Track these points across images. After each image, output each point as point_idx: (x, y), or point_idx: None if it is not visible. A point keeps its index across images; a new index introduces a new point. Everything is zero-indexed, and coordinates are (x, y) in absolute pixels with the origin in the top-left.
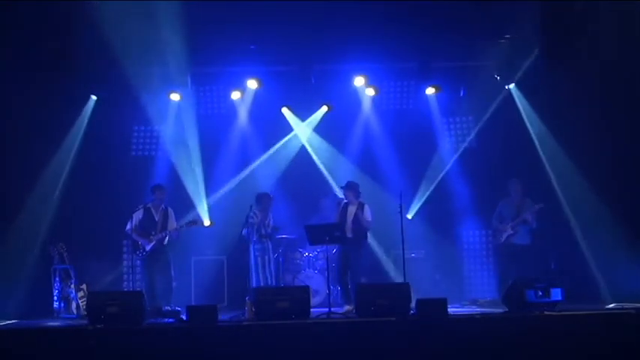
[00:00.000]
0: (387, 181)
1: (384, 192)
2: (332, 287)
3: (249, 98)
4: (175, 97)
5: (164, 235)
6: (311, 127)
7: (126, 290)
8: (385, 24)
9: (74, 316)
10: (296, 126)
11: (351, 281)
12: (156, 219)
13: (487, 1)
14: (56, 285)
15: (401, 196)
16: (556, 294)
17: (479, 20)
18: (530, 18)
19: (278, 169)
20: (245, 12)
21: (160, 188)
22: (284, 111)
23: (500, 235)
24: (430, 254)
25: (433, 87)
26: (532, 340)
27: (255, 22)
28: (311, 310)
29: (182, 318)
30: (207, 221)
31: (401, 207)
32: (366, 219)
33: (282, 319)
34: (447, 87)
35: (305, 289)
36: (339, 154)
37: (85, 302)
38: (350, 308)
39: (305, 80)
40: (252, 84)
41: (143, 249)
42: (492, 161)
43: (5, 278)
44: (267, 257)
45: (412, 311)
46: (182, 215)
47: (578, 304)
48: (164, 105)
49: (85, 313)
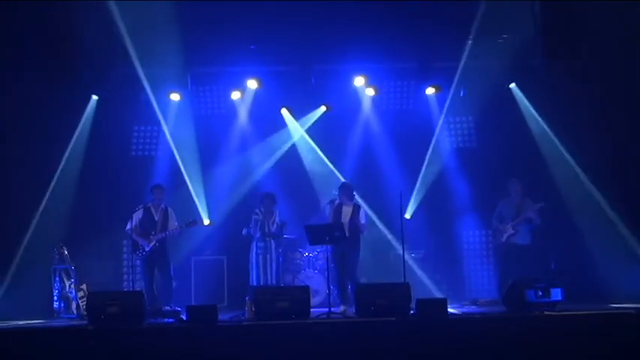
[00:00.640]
0: (387, 181)
1: (384, 192)
2: (332, 287)
3: (249, 98)
4: (175, 97)
5: (164, 236)
6: (311, 128)
7: (126, 290)
8: (385, 24)
9: (74, 316)
10: (295, 127)
11: (350, 281)
12: (156, 219)
13: (488, 1)
14: (56, 285)
15: (401, 196)
16: (556, 294)
17: (479, 20)
18: (530, 18)
19: (278, 169)
20: (245, 12)
21: (159, 188)
22: (283, 112)
23: (500, 235)
24: (430, 254)
25: (433, 87)
26: (532, 340)
27: (255, 22)
28: (311, 310)
29: (182, 318)
30: (206, 221)
31: (401, 207)
32: (361, 221)
33: (282, 319)
34: (447, 87)
35: (305, 289)
36: (339, 154)
37: (85, 302)
38: (345, 308)
39: (305, 80)
40: (252, 84)
41: (143, 249)
42: (492, 161)
43: (5, 278)
44: (268, 256)
45: (412, 311)
46: (182, 215)
47: (578, 304)
48: (164, 105)
49: (85, 313)
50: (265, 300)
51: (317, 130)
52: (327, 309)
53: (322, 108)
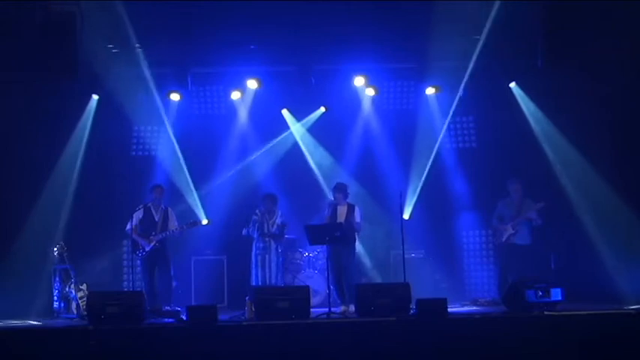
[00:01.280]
0: (387, 181)
1: (384, 192)
2: (332, 287)
3: (249, 98)
4: (175, 97)
5: (164, 236)
6: (308, 127)
7: (126, 290)
8: (385, 24)
9: (74, 316)
10: (295, 127)
11: (346, 281)
12: (156, 219)
13: (489, 1)
14: (56, 285)
15: (401, 196)
16: (556, 294)
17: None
18: (530, 18)
19: (278, 169)
20: (245, 12)
21: (159, 188)
22: (284, 113)
23: (500, 235)
24: (430, 254)
25: (433, 87)
26: (532, 340)
27: (255, 22)
28: (311, 310)
29: (182, 318)
30: (204, 220)
31: (401, 207)
32: (356, 220)
33: (282, 319)
34: (447, 87)
35: (305, 289)
36: (339, 154)
37: (85, 302)
38: (345, 308)
39: (305, 80)
40: (252, 84)
41: (143, 249)
42: (492, 161)
43: (5, 278)
44: (268, 256)
45: (412, 311)
46: (181, 214)
47: (578, 304)
48: (164, 105)
49: (85, 313)
50: (265, 300)
51: (317, 130)
52: (327, 309)
53: (322, 109)
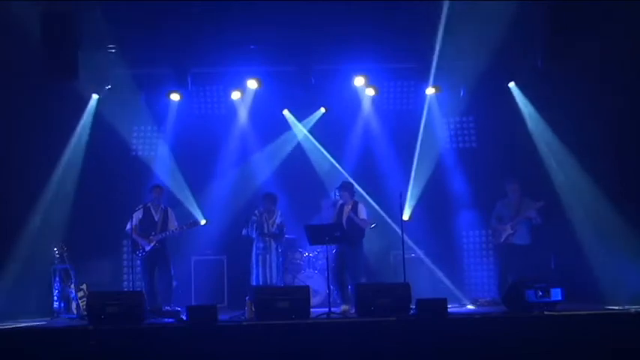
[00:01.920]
0: (387, 182)
1: (384, 192)
2: (332, 287)
3: (249, 98)
4: (175, 97)
5: (164, 236)
6: (310, 128)
7: (126, 290)
8: (385, 24)
9: (74, 316)
10: (296, 127)
11: (351, 281)
12: (155, 219)
13: (488, 1)
14: (56, 285)
15: (401, 196)
16: (556, 294)
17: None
18: (530, 18)
19: (278, 169)
20: (245, 12)
21: (158, 188)
22: (285, 113)
23: (499, 235)
24: (430, 254)
25: (433, 87)
26: (532, 340)
27: (255, 22)
28: (311, 310)
29: (182, 318)
30: (202, 221)
31: (401, 207)
32: (361, 217)
33: (282, 319)
34: (447, 87)
35: (305, 289)
36: (339, 154)
37: (85, 302)
38: (346, 308)
39: (305, 80)
40: (252, 84)
41: (143, 249)
42: (492, 161)
43: (6, 278)
44: (268, 256)
45: (412, 311)
46: (181, 214)
47: (578, 304)
48: (164, 105)
49: (85, 313)
50: (265, 300)
51: (317, 131)
52: (327, 309)
53: (322, 110)
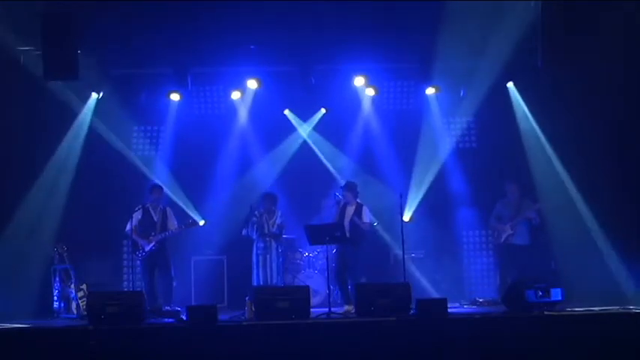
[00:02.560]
0: (387, 182)
1: (384, 192)
2: (332, 287)
3: (249, 98)
4: (175, 97)
5: (164, 236)
6: (311, 128)
7: (126, 290)
8: (385, 24)
9: (74, 316)
10: (297, 127)
11: (351, 281)
12: (155, 219)
13: (489, 1)
14: (56, 285)
15: (401, 197)
16: (556, 294)
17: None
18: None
19: (278, 169)
20: (245, 12)
21: (157, 188)
22: (287, 113)
23: (499, 235)
24: (430, 254)
25: (433, 87)
26: (532, 340)
27: (255, 23)
28: (311, 310)
29: (182, 318)
30: (201, 221)
31: (401, 207)
32: (364, 220)
33: (282, 319)
34: (447, 87)
35: (305, 289)
36: (339, 154)
37: (85, 302)
38: (349, 308)
39: (305, 80)
40: (252, 84)
41: (142, 249)
42: (492, 161)
43: (6, 278)
44: (268, 256)
45: (412, 311)
46: (181, 214)
47: (578, 304)
48: (164, 105)
49: (85, 313)
50: (265, 300)
51: (317, 131)
52: (327, 309)
53: (322, 111)
